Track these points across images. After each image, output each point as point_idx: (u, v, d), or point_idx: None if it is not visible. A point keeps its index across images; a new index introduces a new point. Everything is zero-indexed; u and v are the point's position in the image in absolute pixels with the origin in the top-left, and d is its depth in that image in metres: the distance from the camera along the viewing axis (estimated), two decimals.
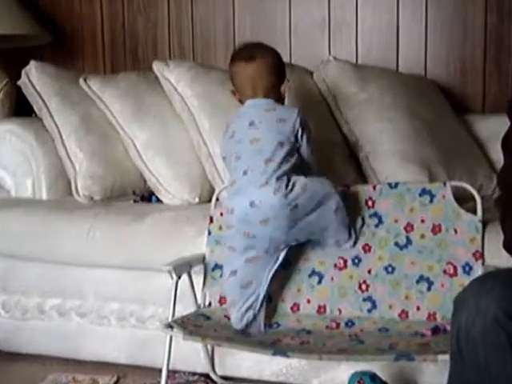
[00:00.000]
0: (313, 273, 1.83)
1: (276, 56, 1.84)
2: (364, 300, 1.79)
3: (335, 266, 1.83)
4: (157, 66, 2.34)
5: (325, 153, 2.11)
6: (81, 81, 2.42)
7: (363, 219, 1.80)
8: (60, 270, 2.17)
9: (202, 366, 1.99)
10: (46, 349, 2.22)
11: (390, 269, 1.79)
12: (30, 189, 2.41)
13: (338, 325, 1.74)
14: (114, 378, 2.08)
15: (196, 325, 1.71)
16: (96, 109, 2.41)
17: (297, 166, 1.69)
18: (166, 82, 2.33)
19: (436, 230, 1.77)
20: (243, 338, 1.67)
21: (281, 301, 1.81)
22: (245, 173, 1.68)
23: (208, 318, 1.78)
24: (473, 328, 1.24)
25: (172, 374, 1.91)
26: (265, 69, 1.79)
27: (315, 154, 1.81)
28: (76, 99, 2.43)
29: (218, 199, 1.96)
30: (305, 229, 1.68)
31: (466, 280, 1.68)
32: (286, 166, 1.65)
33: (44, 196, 2.41)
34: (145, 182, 2.39)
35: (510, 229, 1.42)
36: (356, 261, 1.81)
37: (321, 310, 1.81)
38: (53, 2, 2.96)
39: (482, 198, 1.77)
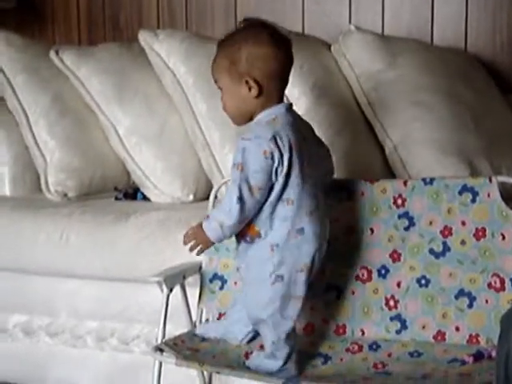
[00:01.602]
0: (329, 287, 1.83)
1: None
2: (392, 319, 1.78)
3: (357, 277, 1.83)
4: (143, 37, 2.34)
5: (346, 140, 2.11)
6: (52, 54, 2.42)
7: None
8: (26, 282, 2.18)
9: None
10: (8, 375, 2.23)
11: (423, 281, 1.78)
12: None
13: (360, 347, 1.74)
14: None
15: (191, 348, 1.70)
16: (70, 87, 2.41)
17: None
18: (154, 56, 2.33)
19: (479, 234, 1.76)
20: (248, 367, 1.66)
21: None
22: None
23: (205, 339, 1.78)
24: None
25: None
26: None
27: None
28: (46, 76, 2.43)
29: (216, 197, 1.96)
30: None
31: None
32: None
33: (7, 192, 2.42)
34: (128, 175, 2.40)
35: None
36: (383, 271, 1.81)
37: (339, 330, 1.81)
38: None
39: None
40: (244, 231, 1.63)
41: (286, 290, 1.62)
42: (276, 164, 1.57)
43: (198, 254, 1.66)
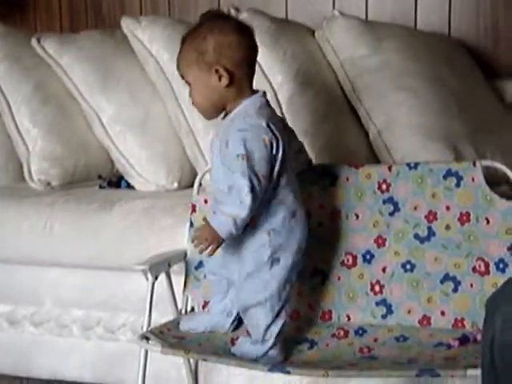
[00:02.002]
0: (314, 272, 1.82)
1: None
2: (377, 304, 1.78)
3: (342, 263, 1.82)
4: (126, 23, 2.33)
5: (330, 126, 2.11)
6: (33, 41, 2.40)
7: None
8: (10, 271, 2.17)
9: None
10: None
11: (408, 266, 1.78)
12: None
13: (346, 333, 1.74)
14: None
15: (177, 336, 1.70)
16: (52, 75, 2.39)
17: None
18: (137, 43, 2.31)
19: (464, 219, 1.76)
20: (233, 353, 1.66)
21: None
22: None
23: None
24: (509, 336, 1.24)
25: None
26: None
27: None
28: (28, 64, 2.42)
29: (201, 184, 1.95)
30: None
31: (499, 279, 1.68)
32: None
33: None
34: (112, 163, 2.39)
35: None
36: (367, 257, 1.81)
37: (325, 316, 1.81)
38: None
39: None
40: None
41: (283, 273, 1.63)
42: (274, 151, 1.58)
43: (210, 254, 1.61)
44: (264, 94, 1.67)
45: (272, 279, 1.63)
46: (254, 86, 1.66)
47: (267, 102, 1.66)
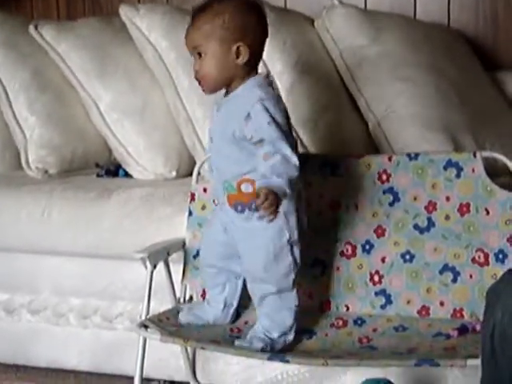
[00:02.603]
0: (315, 262, 1.83)
1: None
2: (376, 294, 1.79)
3: (341, 253, 1.83)
4: (124, 11, 2.32)
5: (330, 116, 2.11)
6: (31, 28, 2.39)
7: None
8: (8, 259, 2.16)
9: (182, 373, 2.00)
10: None
11: (407, 256, 1.79)
12: None
13: (345, 323, 1.75)
14: None
15: (175, 324, 1.70)
16: (50, 63, 2.38)
17: None
18: (135, 31, 2.30)
19: (464, 210, 1.76)
20: (232, 339, 1.66)
21: None
22: None
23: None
24: (509, 327, 1.24)
25: (146, 382, 1.91)
26: None
27: None
28: (26, 51, 2.41)
29: (199, 173, 1.95)
30: None
31: (499, 270, 1.68)
32: None
33: None
34: (110, 152, 2.39)
35: None
36: (367, 247, 1.81)
37: (324, 306, 1.81)
38: None
39: None
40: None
41: (300, 256, 1.64)
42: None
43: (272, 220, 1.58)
44: (267, 75, 1.69)
45: (294, 262, 1.63)
46: None
47: (271, 82, 1.68)
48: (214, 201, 1.84)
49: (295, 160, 1.55)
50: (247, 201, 1.57)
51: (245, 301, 1.76)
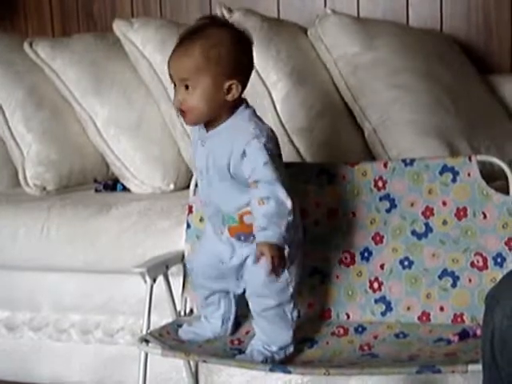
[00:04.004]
0: (314, 271, 1.82)
1: None
2: (376, 301, 1.78)
3: (340, 261, 1.82)
4: (118, 26, 2.32)
5: (325, 124, 2.11)
6: (26, 46, 2.40)
7: None
8: (8, 277, 2.16)
9: None
10: None
11: (406, 263, 1.78)
12: None
13: (346, 331, 1.74)
14: None
15: (176, 338, 1.69)
16: (46, 79, 2.39)
17: None
18: (129, 45, 2.31)
19: (461, 214, 1.76)
20: (233, 351, 1.66)
21: None
22: None
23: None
24: (509, 331, 1.24)
25: None
26: None
27: None
28: (21, 69, 2.41)
29: (197, 185, 1.94)
30: None
31: (498, 273, 1.68)
32: None
33: None
34: (108, 166, 2.38)
35: None
36: (365, 254, 1.81)
37: (325, 315, 1.80)
38: None
39: None
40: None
41: (297, 270, 1.64)
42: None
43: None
44: (247, 104, 1.62)
45: (291, 276, 1.62)
46: (249, 85, 1.64)
47: (254, 110, 1.63)
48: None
49: (289, 204, 1.51)
50: (250, 231, 1.57)
51: (244, 310, 1.74)
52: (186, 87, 1.54)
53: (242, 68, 1.57)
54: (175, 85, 1.57)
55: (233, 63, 1.55)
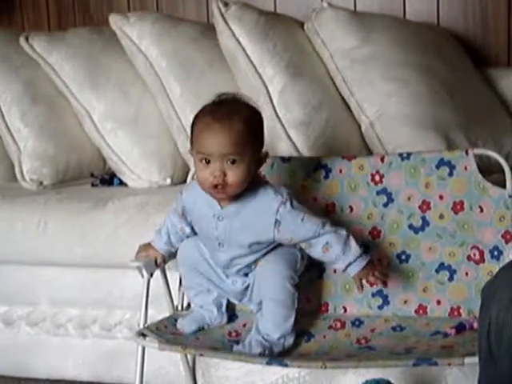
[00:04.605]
0: (311, 266, 1.82)
1: None
2: (373, 295, 1.79)
3: None
4: (114, 20, 2.32)
5: (322, 119, 2.11)
6: (21, 40, 2.40)
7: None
8: (4, 271, 2.16)
9: (182, 380, 1.99)
10: None
11: (403, 257, 1.79)
12: None
13: (343, 324, 1.74)
14: None
15: (174, 332, 1.70)
16: (42, 74, 2.39)
17: None
18: (126, 40, 2.31)
19: (457, 208, 1.77)
20: (231, 344, 1.66)
21: None
22: None
23: None
24: (506, 324, 1.24)
25: None
26: None
27: None
28: (17, 63, 2.41)
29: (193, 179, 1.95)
30: None
31: (494, 267, 1.68)
32: None
33: None
34: (104, 161, 2.38)
35: None
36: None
37: (322, 308, 1.81)
38: None
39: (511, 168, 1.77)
40: None
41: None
42: None
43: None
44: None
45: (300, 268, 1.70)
46: (245, 79, 1.64)
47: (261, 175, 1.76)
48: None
49: (341, 230, 1.64)
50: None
51: (242, 302, 1.76)
52: (233, 162, 1.57)
53: (263, 137, 1.65)
54: (206, 160, 1.57)
55: (261, 134, 1.64)
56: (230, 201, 1.64)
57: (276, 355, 1.60)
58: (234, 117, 1.57)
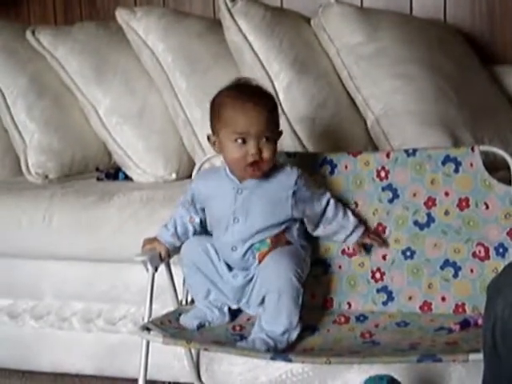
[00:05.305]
0: (316, 261, 1.83)
1: None
2: (378, 291, 1.79)
3: (343, 251, 1.83)
4: (121, 15, 2.32)
5: (328, 114, 2.11)
6: (28, 34, 2.40)
7: None
8: (9, 265, 2.16)
9: (186, 375, 2.00)
10: None
11: (408, 253, 1.79)
12: None
13: (347, 319, 1.75)
14: None
15: (178, 326, 1.70)
16: (48, 68, 2.39)
17: None
18: (132, 34, 2.31)
19: (463, 204, 1.77)
20: (234, 338, 1.66)
21: None
22: None
23: None
24: (510, 320, 1.24)
25: None
26: None
27: None
28: (23, 57, 2.41)
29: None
30: None
31: (500, 264, 1.69)
32: None
33: None
34: (110, 155, 2.39)
35: None
36: (368, 245, 1.81)
37: (326, 304, 1.81)
38: None
39: None
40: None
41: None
42: None
43: None
44: None
45: (307, 265, 1.73)
46: (251, 75, 1.64)
47: None
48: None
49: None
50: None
51: (240, 305, 1.76)
52: (267, 139, 1.66)
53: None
54: (243, 139, 1.65)
55: (278, 115, 1.74)
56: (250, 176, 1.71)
57: (280, 351, 1.60)
58: (263, 96, 1.70)
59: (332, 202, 1.76)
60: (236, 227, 1.71)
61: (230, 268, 1.74)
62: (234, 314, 1.77)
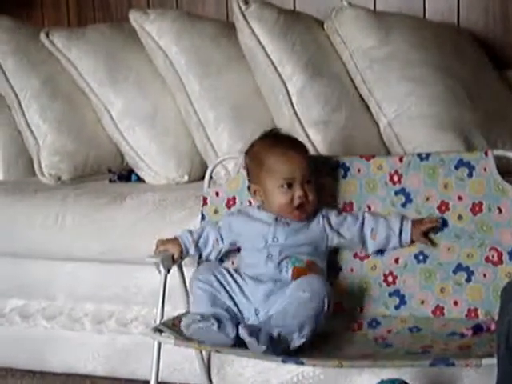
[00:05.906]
0: (329, 264, 1.82)
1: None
2: (390, 295, 1.79)
3: (355, 255, 1.83)
4: (134, 17, 2.33)
5: (341, 118, 2.11)
6: (42, 36, 2.41)
7: None
8: (23, 265, 2.17)
9: (197, 377, 2.00)
10: (6, 360, 2.23)
11: (421, 257, 1.79)
12: None
13: (360, 325, 1.74)
14: None
15: None
16: (61, 70, 2.40)
17: None
18: (145, 36, 2.31)
19: (476, 209, 1.76)
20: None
21: None
22: None
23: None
24: None
25: None
26: None
27: None
28: (37, 58, 2.42)
29: (211, 177, 1.95)
30: None
31: None
32: None
33: (0, 177, 2.43)
34: (122, 157, 2.40)
35: None
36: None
37: (338, 308, 1.80)
38: None
39: None
40: None
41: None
42: None
43: None
44: None
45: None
46: (264, 78, 1.63)
47: None
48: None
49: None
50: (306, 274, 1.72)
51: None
52: (308, 182, 1.75)
53: None
54: (289, 184, 1.73)
55: None
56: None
57: (292, 354, 1.59)
58: (299, 144, 1.81)
59: (367, 213, 1.80)
60: (276, 243, 1.74)
61: (253, 280, 1.73)
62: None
